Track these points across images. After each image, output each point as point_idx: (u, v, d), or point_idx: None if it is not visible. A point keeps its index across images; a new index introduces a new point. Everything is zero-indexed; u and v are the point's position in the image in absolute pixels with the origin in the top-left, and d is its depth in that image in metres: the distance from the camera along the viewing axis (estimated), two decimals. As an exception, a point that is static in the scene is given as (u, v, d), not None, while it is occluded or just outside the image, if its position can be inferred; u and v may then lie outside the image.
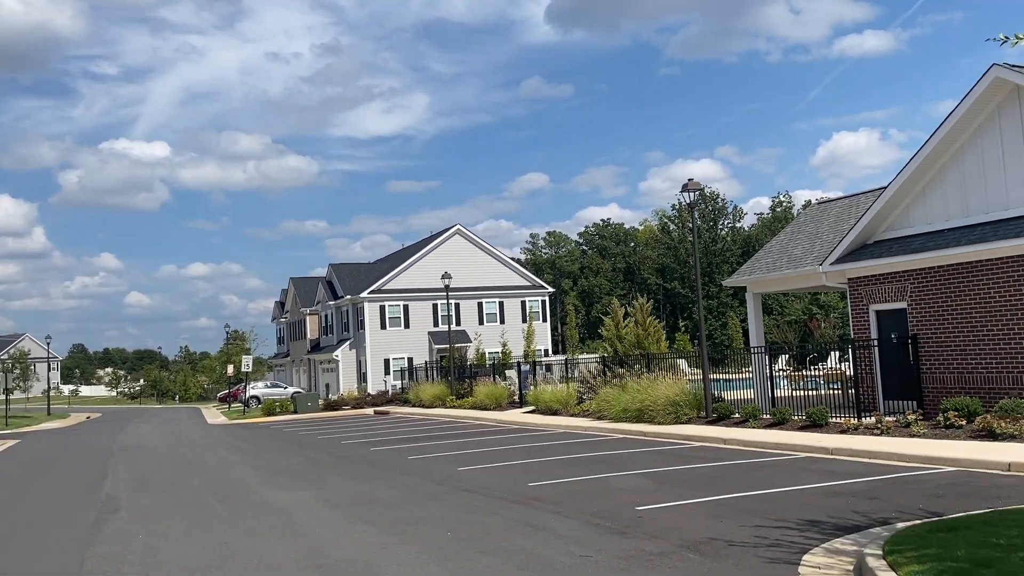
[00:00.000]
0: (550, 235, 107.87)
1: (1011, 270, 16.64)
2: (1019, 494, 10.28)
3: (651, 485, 12.69)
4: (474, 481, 14.19)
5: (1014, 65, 16.57)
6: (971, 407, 16.07)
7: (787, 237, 25.12)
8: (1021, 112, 16.65)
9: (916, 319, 18.62)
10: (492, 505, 11.65)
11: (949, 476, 12.13)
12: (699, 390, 21.90)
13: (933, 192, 18.50)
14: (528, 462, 16.47)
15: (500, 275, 56.81)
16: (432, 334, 53.87)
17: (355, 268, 60.30)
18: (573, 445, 19.22)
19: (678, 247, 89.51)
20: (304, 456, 20.93)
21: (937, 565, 6.38)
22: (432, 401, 38.14)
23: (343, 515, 11.58)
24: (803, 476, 12.82)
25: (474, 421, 29.27)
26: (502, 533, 9.66)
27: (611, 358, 27.48)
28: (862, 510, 9.82)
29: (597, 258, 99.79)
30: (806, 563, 7.57)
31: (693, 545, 8.51)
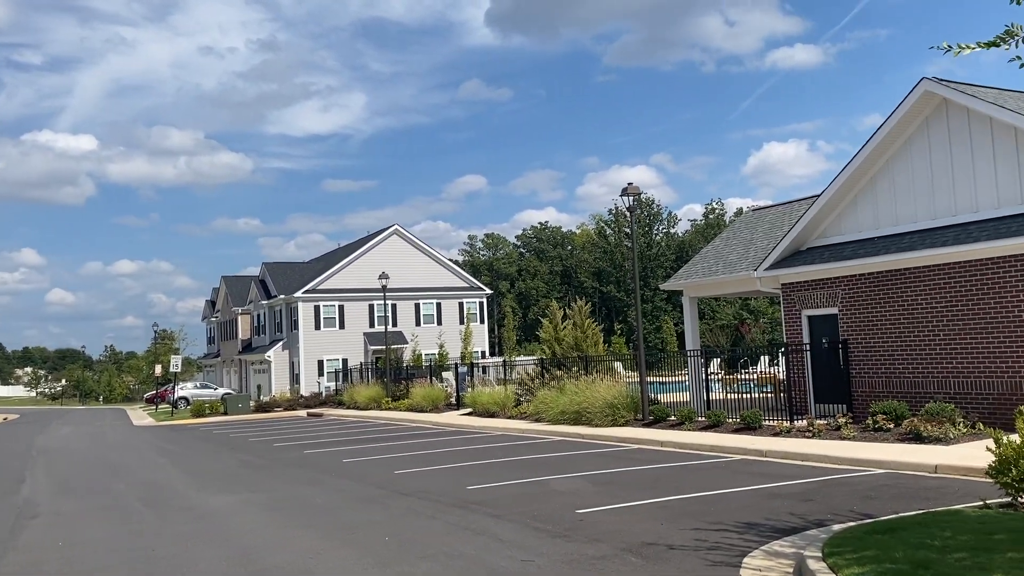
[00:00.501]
0: (488, 237, 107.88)
1: (937, 278, 17.15)
2: (947, 495, 10.54)
3: (591, 488, 12.68)
4: (412, 484, 13.98)
5: (942, 79, 17.10)
6: (899, 411, 16.50)
7: (722, 243, 25.50)
8: (948, 124, 17.18)
9: (847, 324, 19.06)
10: (431, 509, 11.47)
11: (880, 478, 12.40)
12: (636, 393, 22.06)
13: (864, 201, 18.96)
14: (466, 465, 16.33)
15: (438, 276, 56.49)
16: (368, 335, 53.25)
17: (289, 267, 59.26)
18: (511, 448, 19.14)
19: (614, 251, 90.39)
20: (235, 458, 20.40)
21: (876, 567, 6.46)
22: (367, 403, 37.67)
23: (277, 519, 11.27)
24: (740, 478, 12.97)
25: (410, 423, 28.97)
26: (442, 538, 9.50)
27: (549, 360, 27.50)
28: (798, 512, 9.95)
29: (535, 261, 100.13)
30: (746, 566, 7.61)
31: (635, 548, 8.48)
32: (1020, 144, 15.91)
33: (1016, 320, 15.74)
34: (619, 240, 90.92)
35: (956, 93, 16.75)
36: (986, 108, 16.25)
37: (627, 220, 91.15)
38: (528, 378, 27.41)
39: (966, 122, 16.82)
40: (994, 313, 16.11)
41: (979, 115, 16.52)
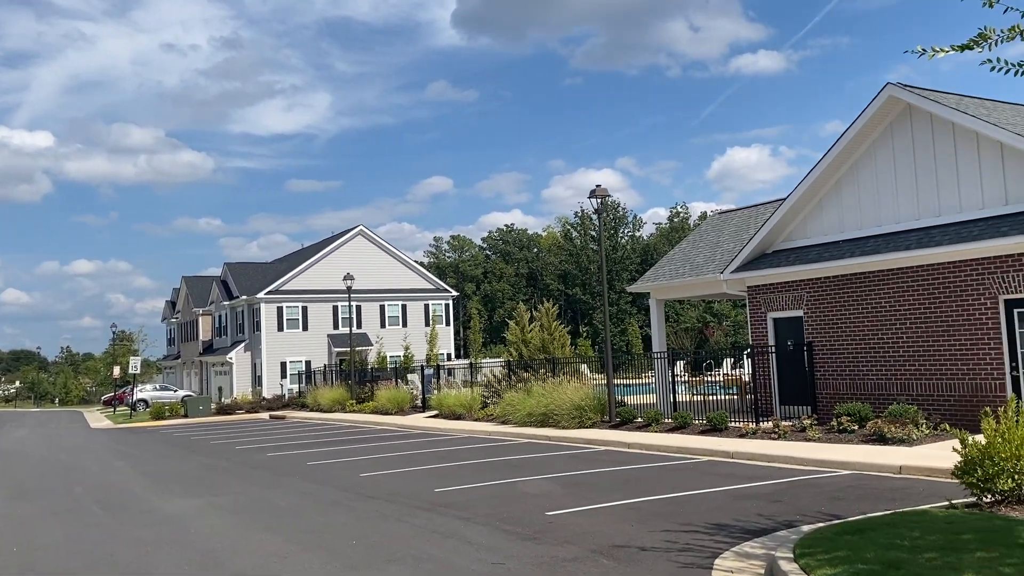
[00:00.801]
0: (454, 239, 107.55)
1: (900, 281, 17.37)
2: (913, 496, 10.64)
3: (560, 490, 12.60)
4: (378, 487, 13.81)
5: (907, 85, 17.33)
6: (862, 412, 16.66)
7: (689, 246, 25.62)
8: (912, 130, 17.41)
9: (812, 327, 19.23)
10: (398, 511, 11.32)
11: (846, 479, 12.49)
12: (603, 395, 22.07)
13: (829, 205, 19.15)
14: (433, 467, 16.18)
15: (403, 278, 56.15)
16: (332, 337, 52.76)
17: (252, 268, 58.53)
18: (479, 450, 19.02)
19: (580, 254, 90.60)
20: (197, 461, 20.03)
21: (849, 568, 6.46)
22: (331, 405, 37.28)
23: (241, 523, 11.04)
24: (708, 480, 12.98)
25: (375, 426, 28.70)
26: (410, 540, 9.36)
27: (516, 362, 27.42)
28: (767, 513, 9.96)
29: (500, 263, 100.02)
30: (718, 567, 7.58)
31: (606, 550, 8.42)
32: (982, 149, 16.17)
33: (977, 323, 15.98)
34: (585, 243, 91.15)
35: (919, 99, 16.99)
36: (949, 114, 16.49)
37: (593, 223, 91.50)
38: (495, 380, 27.30)
39: (929, 127, 17.06)
40: (956, 316, 16.35)
41: (942, 120, 16.76)
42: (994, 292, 15.76)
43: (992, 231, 15.65)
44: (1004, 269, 15.59)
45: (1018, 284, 15.36)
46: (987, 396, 15.80)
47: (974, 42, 5.93)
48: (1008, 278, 15.52)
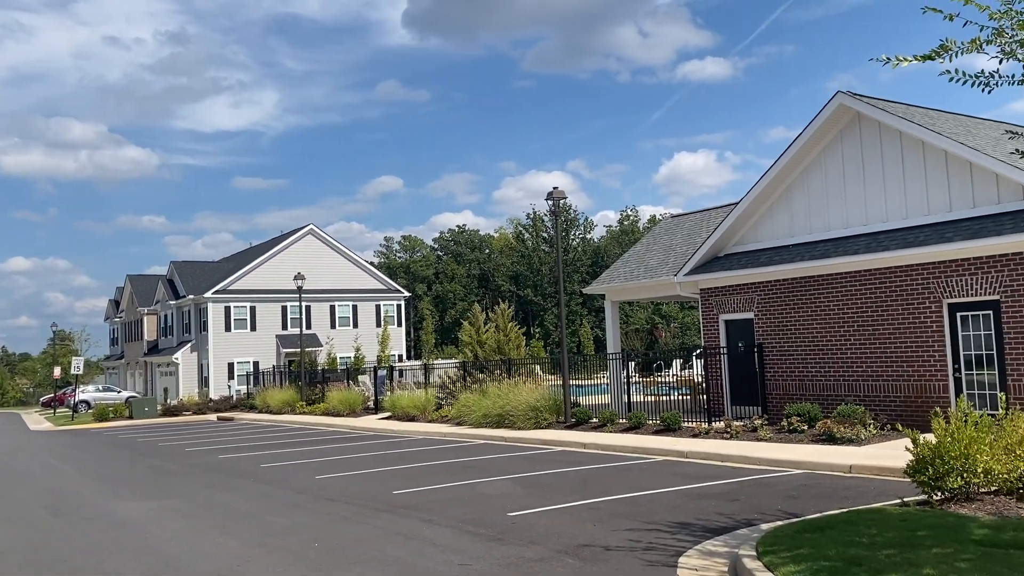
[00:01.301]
0: (405, 239, 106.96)
1: (849, 285, 17.81)
2: (865, 494, 10.92)
3: (520, 490, 12.66)
4: (336, 489, 13.70)
5: (856, 93, 17.78)
6: (812, 413, 17.04)
7: (643, 248, 25.91)
8: (861, 137, 17.87)
9: (762, 329, 19.61)
10: (358, 514, 11.25)
11: (799, 478, 12.76)
12: (558, 396, 22.20)
13: (780, 209, 19.55)
14: (390, 469, 16.10)
15: (354, 278, 55.68)
16: (280, 337, 52.08)
17: (199, 266, 57.50)
18: (435, 451, 18.98)
19: (532, 256, 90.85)
20: (146, 464, 19.62)
21: (812, 564, 6.62)
22: (281, 407, 36.82)
23: (199, 526, 10.86)
24: (665, 479, 13.16)
25: (327, 428, 28.43)
26: (374, 543, 9.32)
27: (471, 363, 27.41)
28: (726, 512, 10.14)
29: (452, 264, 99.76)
30: (683, 565, 7.70)
31: (571, 550, 8.49)
32: (927, 157, 16.67)
33: (922, 326, 16.46)
34: (537, 244, 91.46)
35: (869, 107, 17.44)
36: (896, 122, 16.97)
37: (545, 225, 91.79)
38: (449, 381, 27.26)
39: (878, 135, 17.53)
40: (902, 319, 16.82)
41: (890, 129, 17.24)
42: (939, 296, 16.25)
43: (937, 237, 16.13)
44: (948, 274, 16.09)
45: (961, 288, 15.87)
46: (931, 396, 16.29)
47: (936, 53, 6.14)
48: (952, 282, 16.02)
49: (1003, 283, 15.27)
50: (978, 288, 15.66)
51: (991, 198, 15.73)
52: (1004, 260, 15.23)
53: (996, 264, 15.35)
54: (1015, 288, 15.10)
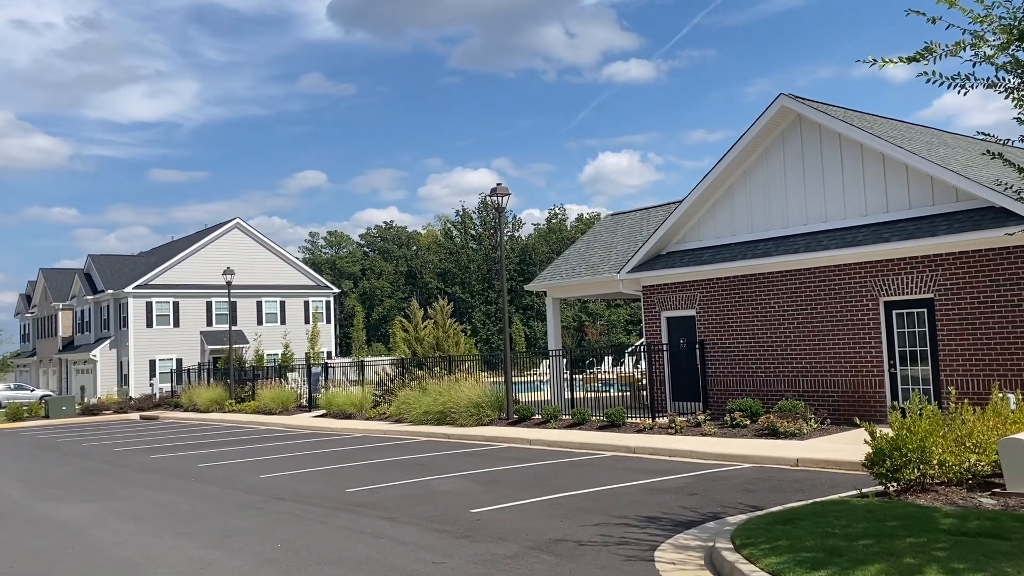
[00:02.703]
0: (331, 235, 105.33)
1: (789, 283, 18.25)
2: (817, 487, 11.16)
3: (476, 487, 12.55)
4: (284, 488, 13.35)
5: (798, 96, 18.22)
6: (753, 408, 17.41)
7: (584, 246, 26.06)
8: (802, 139, 18.32)
9: (704, 326, 19.94)
10: (315, 513, 10.98)
11: (750, 471, 12.99)
12: (500, 392, 22.15)
13: (722, 208, 19.91)
14: (336, 467, 15.79)
15: (282, 273, 54.53)
16: (205, 334, 50.65)
17: (119, 260, 55.48)
18: (379, 449, 18.71)
19: (460, 253, 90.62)
20: (75, 465, 18.78)
21: (794, 556, 6.71)
22: (209, 405, 35.81)
23: (148, 528, 10.42)
24: (618, 474, 13.22)
25: (261, 426, 27.77)
26: (339, 542, 9.09)
27: (410, 360, 27.13)
28: (689, 506, 10.25)
29: (379, 260, 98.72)
30: (660, 559, 7.73)
31: (544, 546, 8.44)
32: (866, 160, 17.19)
33: (860, 323, 16.98)
34: (465, 242, 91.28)
35: (809, 110, 17.89)
36: (836, 125, 17.45)
37: (474, 223, 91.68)
38: (387, 378, 26.92)
39: (818, 137, 18.00)
40: (841, 317, 17.32)
41: (830, 131, 17.72)
42: (875, 294, 16.79)
43: (875, 237, 16.66)
44: (885, 273, 16.63)
45: (897, 287, 16.42)
46: (868, 392, 16.83)
47: (920, 55, 6.29)
48: (888, 281, 16.57)
49: (937, 282, 15.86)
50: (913, 287, 16.23)
51: (926, 200, 16.32)
52: (938, 260, 15.82)
53: (931, 264, 15.94)
54: (948, 287, 15.70)
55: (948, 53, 6.23)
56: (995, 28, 6.16)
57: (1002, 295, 15.05)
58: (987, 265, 15.23)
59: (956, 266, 15.60)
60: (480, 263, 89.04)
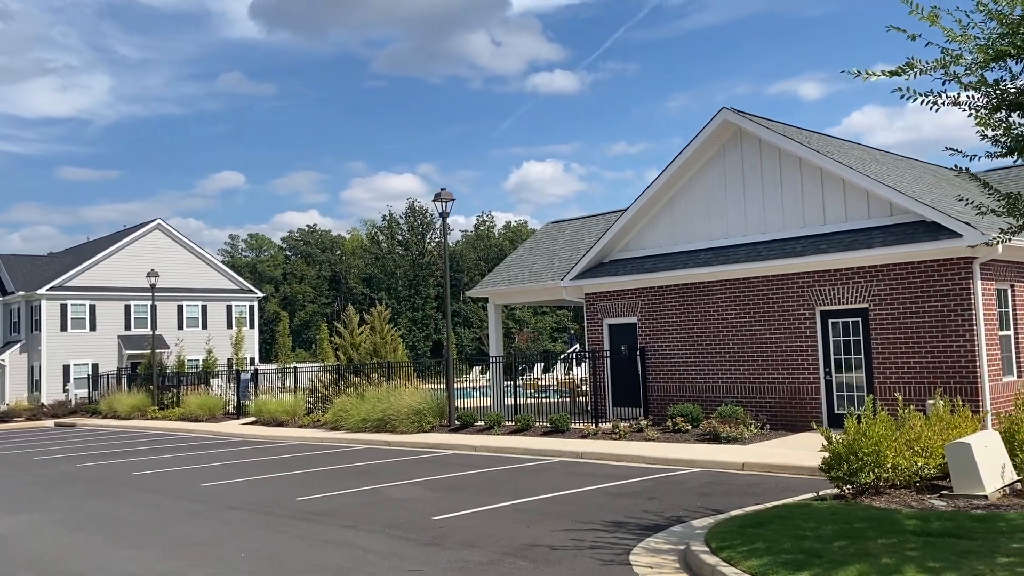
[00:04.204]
0: (252, 238, 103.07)
1: (728, 292, 18.69)
2: (769, 490, 11.45)
3: (431, 494, 12.45)
4: (231, 497, 12.99)
5: (739, 110, 18.70)
6: (694, 413, 17.77)
7: (526, 253, 26.18)
8: (742, 152, 18.81)
9: (645, 333, 20.25)
10: (271, 522, 10.71)
11: (700, 476, 13.23)
12: (441, 398, 22.04)
13: (664, 218, 20.28)
14: (280, 475, 15.44)
15: (204, 277, 53.07)
16: (123, 338, 48.90)
17: (31, 261, 53.12)
18: (319, 457, 18.37)
19: (386, 258, 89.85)
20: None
21: (775, 559, 6.87)
22: (130, 412, 34.54)
23: (97, 540, 9.99)
24: (573, 480, 13.31)
25: (188, 434, 26.94)
26: (305, 552, 8.89)
27: (346, 366, 26.74)
28: (651, 510, 10.38)
29: (302, 264, 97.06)
30: (636, 563, 7.81)
31: (517, 552, 8.43)
32: (804, 173, 17.76)
33: (797, 332, 17.51)
34: (392, 247, 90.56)
35: (751, 123, 18.39)
36: (776, 139, 17.98)
37: (401, 228, 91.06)
38: (322, 385, 26.47)
39: (758, 151, 18.51)
40: (778, 325, 17.82)
41: (770, 145, 18.25)
42: (812, 304, 17.34)
43: (813, 248, 17.22)
44: (822, 283, 17.20)
45: (834, 297, 17.00)
46: (805, 398, 17.35)
47: (901, 69, 6.55)
48: (825, 291, 17.14)
49: (872, 292, 16.48)
50: (849, 297, 16.82)
51: (862, 213, 16.96)
52: (873, 271, 16.45)
53: (866, 275, 16.55)
54: (882, 297, 16.33)
55: (931, 68, 6.50)
56: (972, 48, 6.45)
57: (932, 306, 15.73)
58: (919, 277, 15.90)
59: (890, 278, 16.24)
60: (407, 269, 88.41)
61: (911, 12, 6.42)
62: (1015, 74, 6.78)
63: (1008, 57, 6.42)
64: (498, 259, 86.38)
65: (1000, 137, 7.08)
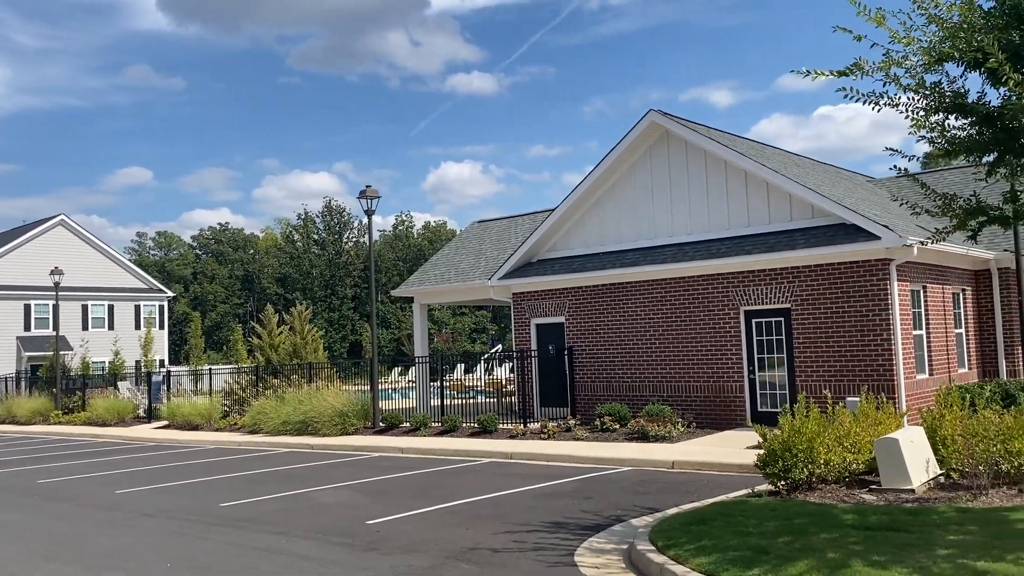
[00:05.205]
0: (160, 235, 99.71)
1: (655, 292, 18.89)
2: (703, 488, 11.52)
3: (363, 498, 12.13)
4: (150, 504, 12.39)
5: (666, 112, 18.92)
6: (622, 412, 17.88)
7: (452, 252, 25.94)
8: (668, 154, 19.04)
9: (573, 333, 20.29)
10: (196, 529, 10.23)
11: (632, 474, 13.27)
12: (365, 400, 21.63)
13: (592, 219, 20.36)
14: (200, 481, 14.84)
15: (111, 275, 50.97)
16: (22, 339, 46.57)
17: (-81, 258, 49.98)
18: (239, 461, 17.76)
19: (302, 258, 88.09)
20: None
21: (722, 556, 6.88)
22: (31, 417, 32.84)
23: (9, 552, 9.33)
24: (506, 481, 13.17)
25: (96, 439, 25.74)
26: (238, 560, 8.50)
27: (264, 368, 25.99)
28: (589, 509, 10.33)
29: (213, 263, 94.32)
30: (582, 563, 7.73)
31: (460, 555, 8.25)
32: (729, 176, 18.08)
33: (722, 331, 17.80)
34: (307, 246, 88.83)
35: (677, 126, 18.62)
36: (702, 142, 18.26)
37: (317, 227, 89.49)
38: (239, 387, 25.65)
39: (684, 153, 18.76)
40: (704, 325, 18.09)
41: (696, 148, 18.52)
42: (737, 304, 17.66)
43: (737, 249, 17.54)
44: (746, 284, 17.53)
45: (757, 297, 17.35)
46: (729, 396, 17.66)
47: (849, 70, 6.65)
48: (749, 291, 17.48)
49: (794, 293, 16.88)
50: (772, 297, 17.19)
51: (785, 216, 17.36)
52: (795, 272, 16.85)
53: (788, 276, 16.95)
54: (804, 298, 16.74)
55: (876, 69, 6.61)
56: (916, 50, 6.59)
57: (852, 306, 16.20)
58: (839, 278, 16.36)
59: (811, 278, 16.66)
60: (323, 269, 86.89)
61: (859, 13, 6.52)
62: (952, 78, 6.96)
63: (950, 60, 6.58)
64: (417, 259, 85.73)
65: (936, 139, 7.25)
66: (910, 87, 7.06)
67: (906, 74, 6.84)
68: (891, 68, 6.60)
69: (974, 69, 6.63)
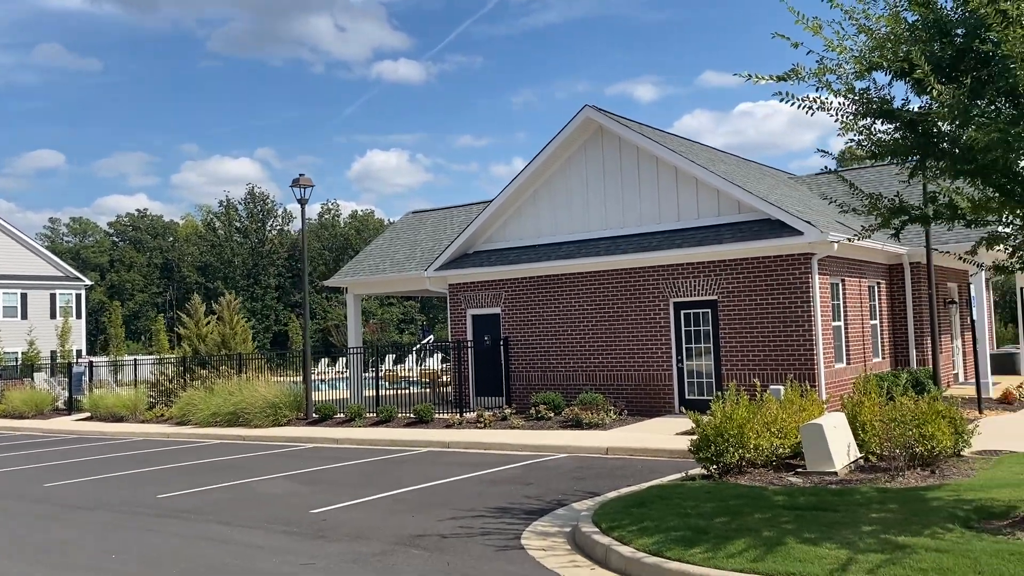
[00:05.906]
0: (74, 222, 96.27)
1: (589, 284, 19.30)
2: (637, 472, 11.93)
3: (303, 488, 12.18)
4: (84, 496, 12.19)
5: (601, 108, 19.31)
6: (556, 401, 18.27)
7: (386, 243, 25.91)
8: (603, 149, 19.45)
9: (508, 323, 20.58)
10: (137, 521, 10.15)
11: (569, 461, 13.64)
12: (297, 391, 21.52)
13: (528, 212, 20.66)
14: (132, 472, 14.62)
15: (24, 262, 49.07)
16: (-72, 329, 44.47)
17: None
18: (171, 452, 17.52)
19: (224, 246, 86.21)
20: None
21: (664, 536, 7.24)
22: (-60, 410, 31.46)
23: (-63, 550, 9.11)
24: (445, 469, 13.37)
25: (13, 432, 24.93)
26: (186, 550, 8.50)
27: (192, 358, 25.53)
28: (531, 495, 10.63)
29: (131, 251, 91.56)
30: (529, 546, 8.00)
31: (408, 541, 8.43)
32: (661, 172, 18.58)
33: (653, 322, 18.33)
34: (229, 234, 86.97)
35: (611, 122, 19.04)
36: (635, 138, 18.72)
37: (239, 214, 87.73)
38: (166, 378, 25.17)
39: (618, 149, 19.19)
40: (636, 316, 18.59)
41: (629, 144, 18.96)
42: (667, 296, 18.20)
43: (668, 243, 18.08)
44: (675, 276, 18.08)
45: (687, 289, 17.92)
46: (659, 385, 18.21)
47: (787, 75, 7.05)
48: (678, 284, 18.04)
49: (721, 285, 17.50)
50: (700, 289, 17.78)
51: (713, 211, 17.95)
52: (722, 265, 17.46)
53: (716, 268, 17.55)
54: (730, 290, 17.37)
55: (811, 74, 7.02)
56: (848, 58, 7.03)
57: (775, 298, 16.89)
58: (764, 271, 17.03)
59: (737, 271, 17.30)
60: (246, 257, 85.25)
61: (797, 21, 6.92)
62: (880, 86, 7.43)
63: (878, 69, 7.04)
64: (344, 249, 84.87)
65: (863, 142, 7.73)
66: (840, 92, 7.50)
67: (837, 80, 7.27)
68: (824, 75, 7.01)
69: (900, 78, 7.10)
